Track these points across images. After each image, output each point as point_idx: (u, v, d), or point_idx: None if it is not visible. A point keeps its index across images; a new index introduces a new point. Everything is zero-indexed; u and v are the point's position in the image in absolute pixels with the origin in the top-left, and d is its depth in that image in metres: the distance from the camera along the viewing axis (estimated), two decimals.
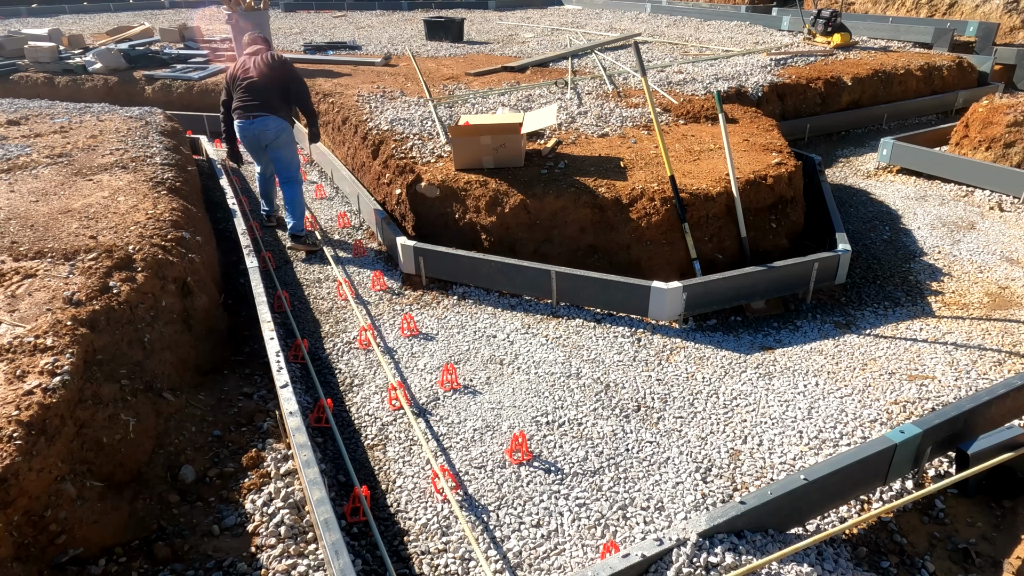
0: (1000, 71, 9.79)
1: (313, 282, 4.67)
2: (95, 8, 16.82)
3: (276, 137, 4.95)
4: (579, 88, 7.28)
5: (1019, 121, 6.12)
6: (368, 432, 3.19)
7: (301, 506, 2.65)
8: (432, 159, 5.09)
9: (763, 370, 3.62)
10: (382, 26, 13.40)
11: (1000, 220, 5.44)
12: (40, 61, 9.15)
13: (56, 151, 5.11)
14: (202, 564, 2.37)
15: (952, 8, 12.29)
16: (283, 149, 5.03)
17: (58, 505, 2.23)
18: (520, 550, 2.52)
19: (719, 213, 4.44)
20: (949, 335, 3.88)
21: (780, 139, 5.58)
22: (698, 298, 4.03)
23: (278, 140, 4.97)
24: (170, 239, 3.75)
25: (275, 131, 4.93)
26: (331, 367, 3.71)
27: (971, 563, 2.49)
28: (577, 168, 4.82)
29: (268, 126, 4.89)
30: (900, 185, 6.37)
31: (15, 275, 3.09)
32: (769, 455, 2.99)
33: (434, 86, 7.54)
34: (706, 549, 2.18)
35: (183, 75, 8.83)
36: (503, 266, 4.29)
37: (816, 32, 10.31)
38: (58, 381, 2.41)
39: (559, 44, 10.38)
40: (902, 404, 3.25)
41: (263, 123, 4.88)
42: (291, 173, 5.10)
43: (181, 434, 2.89)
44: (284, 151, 5.04)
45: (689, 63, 8.59)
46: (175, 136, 6.13)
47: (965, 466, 2.67)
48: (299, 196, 5.11)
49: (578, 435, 3.14)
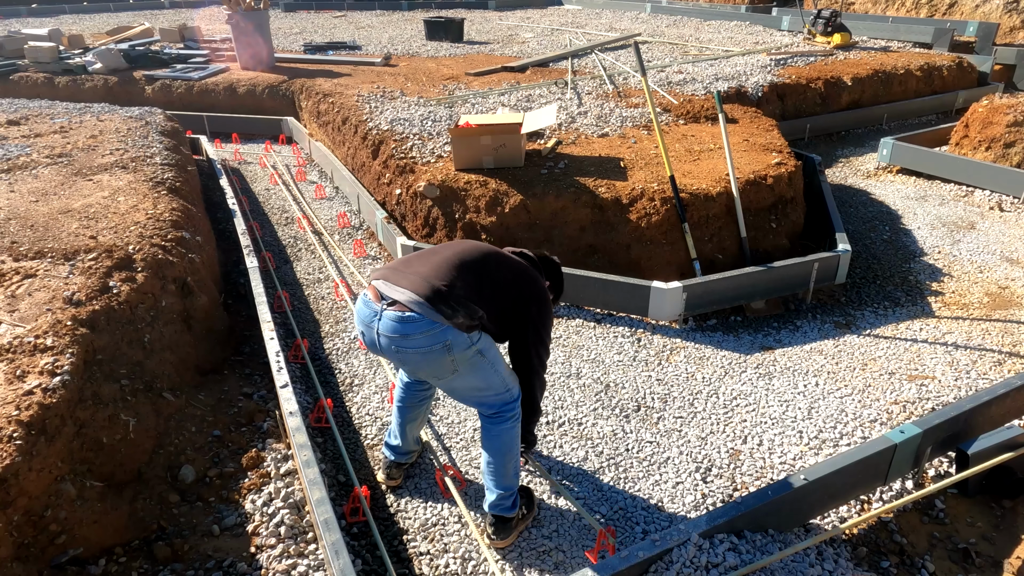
0: (1000, 71, 9.79)
1: (313, 282, 4.66)
2: (95, 8, 16.82)
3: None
4: (579, 88, 7.28)
5: (1019, 121, 6.12)
6: (368, 432, 3.18)
7: (301, 506, 2.65)
8: (432, 159, 5.09)
9: (763, 370, 3.62)
10: (382, 26, 13.40)
11: (1000, 220, 5.44)
12: (40, 61, 9.15)
13: (56, 151, 5.11)
14: (202, 564, 2.37)
15: (952, 8, 12.29)
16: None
17: (58, 505, 2.23)
18: (520, 550, 2.52)
19: (719, 213, 4.44)
20: (949, 335, 3.88)
21: (780, 139, 5.58)
22: (698, 298, 4.03)
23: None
24: (170, 239, 3.75)
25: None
26: (331, 367, 3.71)
27: (971, 563, 2.49)
28: (577, 168, 4.82)
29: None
30: (900, 185, 6.37)
31: (15, 275, 3.09)
32: (769, 455, 2.99)
33: (434, 86, 7.54)
34: (706, 549, 2.18)
35: (183, 75, 8.83)
36: None
37: (816, 32, 10.31)
38: (58, 381, 2.41)
39: (559, 44, 10.37)
40: (902, 404, 3.25)
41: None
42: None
43: (181, 434, 2.89)
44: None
45: (689, 63, 8.59)
46: (175, 136, 6.13)
47: (965, 466, 2.67)
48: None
49: (578, 435, 3.14)
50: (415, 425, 2.79)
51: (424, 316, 2.14)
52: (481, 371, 2.31)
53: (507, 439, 2.43)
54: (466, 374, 2.30)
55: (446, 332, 2.16)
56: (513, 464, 2.47)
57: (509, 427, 2.42)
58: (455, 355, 2.21)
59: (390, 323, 2.17)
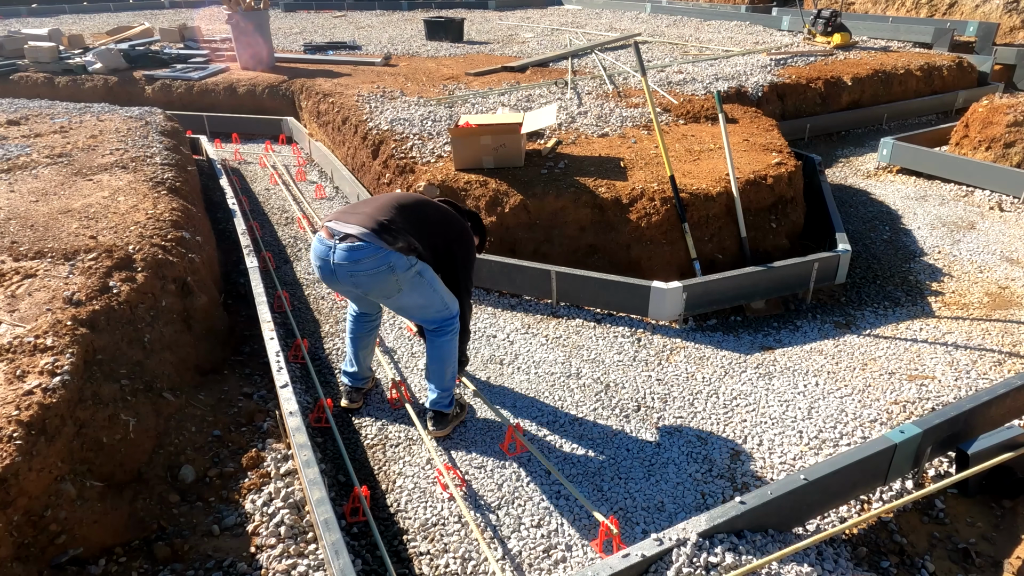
0: (1000, 71, 9.79)
1: (313, 282, 4.66)
2: (95, 8, 16.83)
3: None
4: (579, 88, 7.28)
5: (1019, 121, 6.12)
6: (368, 432, 3.18)
7: (301, 506, 2.65)
8: (432, 159, 5.09)
9: (763, 370, 3.62)
10: (382, 26, 13.40)
11: (1000, 220, 5.44)
12: (40, 61, 9.15)
13: (56, 151, 5.10)
14: (202, 564, 2.37)
15: (952, 8, 12.29)
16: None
17: (58, 505, 2.23)
18: (520, 550, 2.52)
19: (719, 213, 4.44)
20: (949, 335, 3.88)
21: (780, 139, 5.58)
22: (698, 298, 4.03)
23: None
24: (170, 239, 3.75)
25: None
26: (331, 367, 3.71)
27: (971, 563, 2.49)
28: (577, 168, 4.82)
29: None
30: (900, 185, 6.37)
31: (15, 275, 3.09)
32: (769, 455, 2.99)
33: (434, 86, 7.54)
34: (706, 549, 2.18)
35: (183, 75, 8.83)
36: (503, 266, 4.29)
37: (816, 32, 10.31)
38: (58, 381, 2.41)
39: (559, 44, 10.37)
40: (902, 404, 3.25)
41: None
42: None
43: (181, 434, 2.89)
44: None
45: (689, 63, 8.59)
46: (175, 136, 6.13)
47: (965, 466, 2.67)
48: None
49: (578, 435, 3.14)
50: (366, 353, 3.30)
51: (371, 243, 2.64)
52: (421, 289, 2.82)
53: (447, 349, 3.00)
54: (409, 292, 2.79)
55: (389, 256, 2.66)
56: (451, 370, 3.05)
57: (448, 339, 2.98)
58: (398, 275, 2.71)
59: (343, 253, 2.66)
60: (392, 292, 2.77)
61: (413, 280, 2.77)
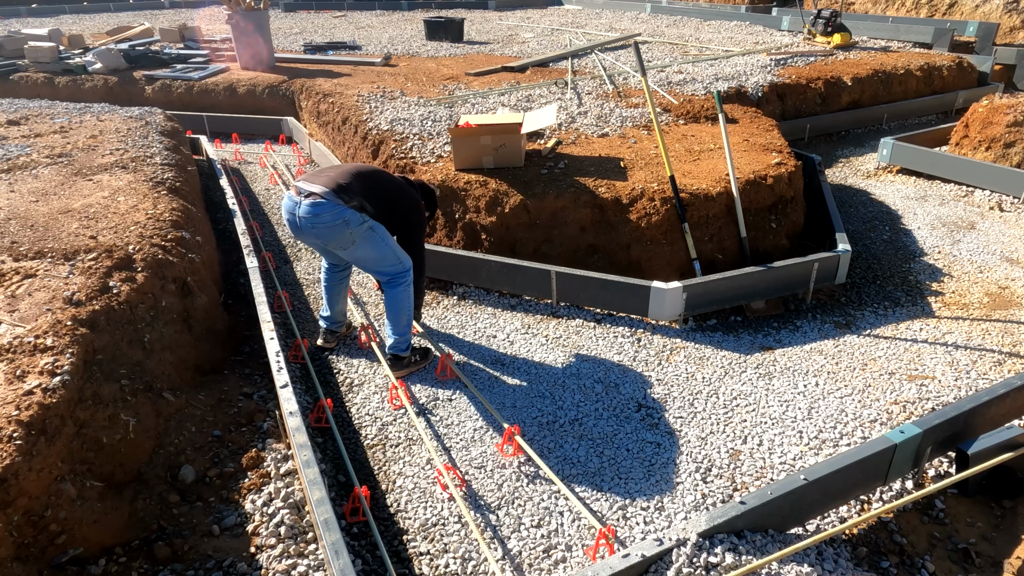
0: (1000, 71, 9.79)
1: (313, 282, 4.66)
2: (95, 8, 16.82)
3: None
4: (579, 88, 7.28)
5: (1019, 121, 6.12)
6: (368, 432, 3.19)
7: (301, 506, 2.65)
8: (432, 159, 5.09)
9: (763, 370, 3.62)
10: (382, 26, 13.40)
11: (1000, 220, 5.44)
12: (40, 61, 9.15)
13: (56, 151, 5.10)
14: (202, 564, 2.37)
15: (952, 8, 12.29)
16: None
17: (58, 505, 2.23)
18: (520, 550, 2.52)
19: (719, 213, 4.44)
20: (949, 335, 3.88)
21: (780, 139, 5.58)
22: (698, 298, 4.03)
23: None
24: (170, 239, 3.75)
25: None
26: (331, 367, 3.71)
27: (971, 563, 2.49)
28: (577, 168, 4.82)
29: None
30: (900, 185, 6.37)
31: (15, 275, 3.09)
32: (769, 455, 2.99)
33: (434, 86, 7.54)
34: (706, 549, 2.18)
35: (183, 75, 8.83)
36: (503, 266, 4.29)
37: (816, 32, 10.31)
38: (58, 381, 2.41)
39: (559, 44, 10.37)
40: (902, 404, 3.25)
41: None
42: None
43: (181, 434, 2.89)
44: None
45: (689, 63, 8.59)
46: (175, 136, 6.13)
47: (965, 466, 2.67)
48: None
49: (578, 435, 3.14)
50: (340, 299, 3.82)
51: (330, 201, 3.14)
52: (372, 243, 3.30)
53: (401, 299, 3.45)
54: (363, 244, 3.28)
55: (344, 211, 3.15)
56: (406, 318, 3.50)
57: (402, 291, 3.44)
58: (352, 229, 3.20)
59: (307, 208, 3.16)
60: (347, 244, 3.26)
61: (366, 234, 3.26)
